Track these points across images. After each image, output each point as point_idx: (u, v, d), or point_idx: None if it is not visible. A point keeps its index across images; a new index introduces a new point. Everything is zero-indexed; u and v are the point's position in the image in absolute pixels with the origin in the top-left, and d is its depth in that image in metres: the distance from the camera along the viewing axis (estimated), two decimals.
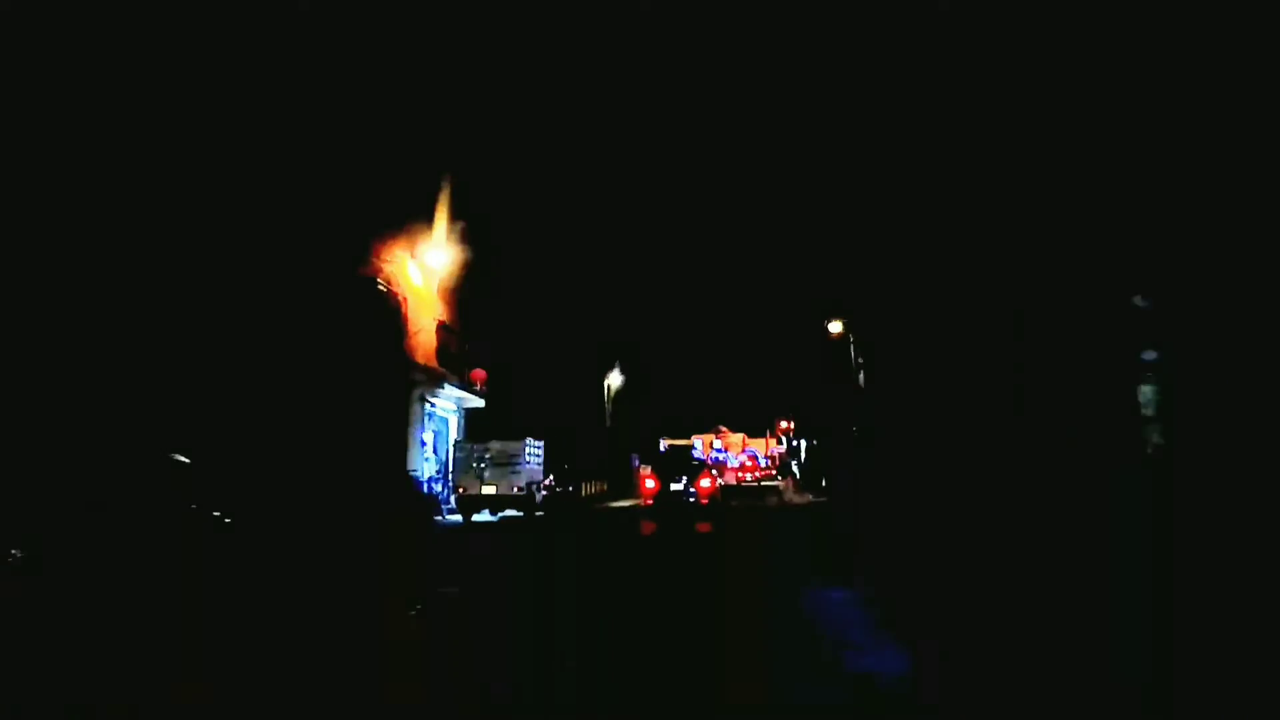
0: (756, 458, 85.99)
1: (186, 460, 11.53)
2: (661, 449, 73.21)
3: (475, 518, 23.77)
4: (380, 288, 23.28)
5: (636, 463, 66.35)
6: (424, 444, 25.70)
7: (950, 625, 7.09)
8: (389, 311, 23.84)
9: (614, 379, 52.83)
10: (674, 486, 20.09)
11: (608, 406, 52.65)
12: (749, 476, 65.10)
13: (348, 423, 21.39)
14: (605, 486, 47.05)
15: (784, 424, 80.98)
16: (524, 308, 33.31)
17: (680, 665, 6.50)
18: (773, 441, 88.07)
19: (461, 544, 18.63)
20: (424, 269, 25.93)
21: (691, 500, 19.83)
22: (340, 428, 21.14)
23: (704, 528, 18.08)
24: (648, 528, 18.66)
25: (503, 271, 31.01)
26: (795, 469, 61.38)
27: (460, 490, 23.95)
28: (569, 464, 30.41)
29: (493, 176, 30.67)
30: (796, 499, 41.57)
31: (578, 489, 33.41)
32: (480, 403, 29.13)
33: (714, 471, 23.89)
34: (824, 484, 42.21)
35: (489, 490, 23.59)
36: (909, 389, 18.75)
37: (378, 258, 23.44)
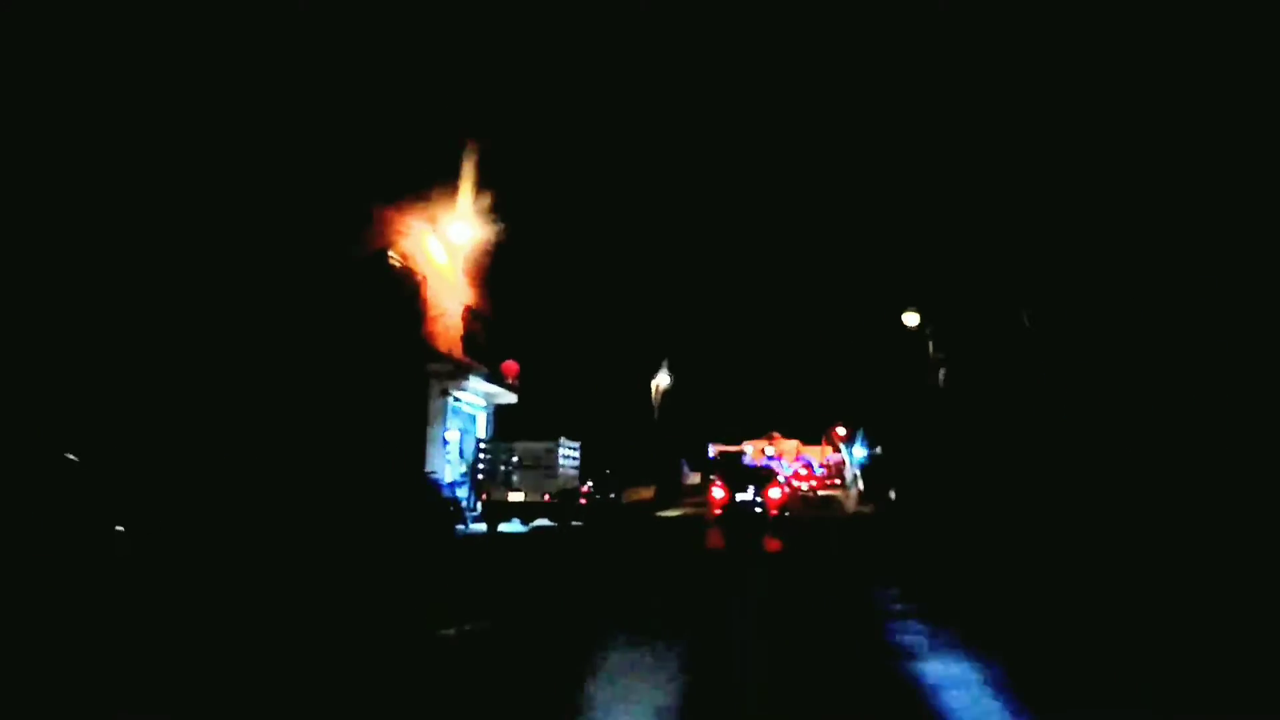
0: (811, 466, 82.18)
1: (76, 459, 8.67)
2: (711, 455, 69.88)
3: (503, 528, 20.71)
4: (394, 263, 20.34)
5: (686, 469, 63.08)
6: (446, 443, 22.70)
7: None
8: (405, 291, 20.90)
9: (662, 379, 49.46)
10: (741, 496, 18.21)
11: (655, 408, 49.33)
12: (804, 486, 61.35)
13: (355, 418, 18.49)
14: (652, 494, 43.71)
15: (840, 430, 77.30)
16: (565, 297, 30.23)
17: None
18: (828, 449, 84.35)
19: (487, 561, 15.93)
20: (448, 246, 22.96)
21: (759, 510, 17.43)
22: (346, 423, 18.26)
23: (774, 545, 15.08)
24: (714, 541, 15.96)
25: (541, 256, 27.97)
26: (858, 479, 57.66)
27: (485, 496, 20.86)
28: (611, 469, 27.24)
29: (534, 151, 27.70)
30: (858, 509, 38.35)
31: (620, 496, 30.22)
32: (512, 398, 26.04)
33: (781, 480, 21.83)
34: (892, 496, 38.65)
35: (518, 497, 20.46)
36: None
37: (392, 230, 20.52)
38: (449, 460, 22.68)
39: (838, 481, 66.24)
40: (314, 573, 11.70)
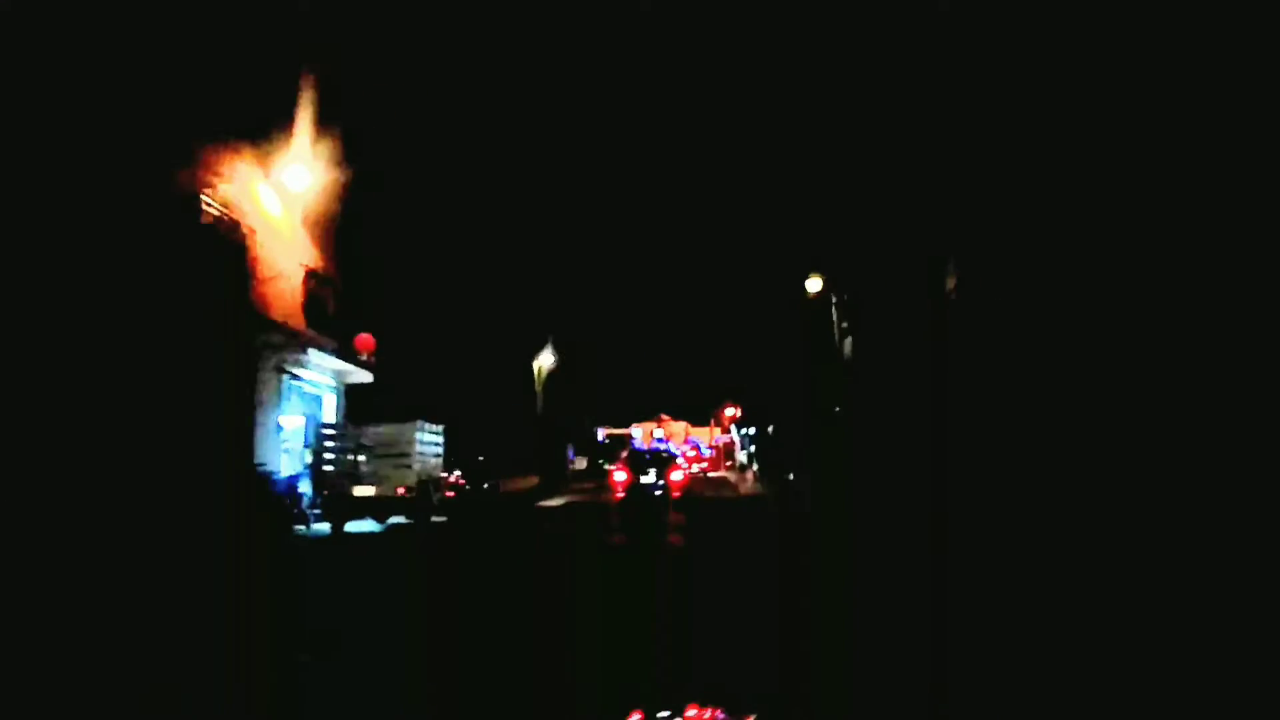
0: (700, 448, 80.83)
1: None
2: (600, 439, 67.31)
3: (352, 527, 17.43)
4: (210, 209, 16.66)
5: (572, 454, 60.18)
6: (281, 429, 19.11)
7: None
8: (226, 245, 17.23)
9: (545, 359, 46.27)
10: (643, 479, 19.12)
11: (538, 391, 46.13)
12: (695, 469, 59.64)
13: (159, 400, 14.88)
14: (535, 482, 40.67)
15: (730, 412, 76.02)
16: (432, 261, 26.79)
17: None
18: (716, 430, 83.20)
19: (325, 571, 13.02)
20: (284, 195, 19.31)
21: (660, 494, 18.94)
22: (148, 407, 14.64)
23: (676, 540, 13.31)
24: (615, 538, 14.38)
25: (404, 210, 24.50)
26: (748, 459, 56.22)
27: (328, 491, 17.50)
28: (485, 456, 24.19)
29: (397, 89, 24.14)
30: (753, 491, 37.02)
31: (496, 486, 27.12)
32: (368, 377, 22.59)
33: (682, 463, 22.25)
34: (791, 477, 37.04)
35: (367, 490, 17.21)
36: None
37: (209, 169, 16.82)
38: (287, 449, 19.12)
39: (728, 464, 64.87)
40: (121, 592, 8.68)
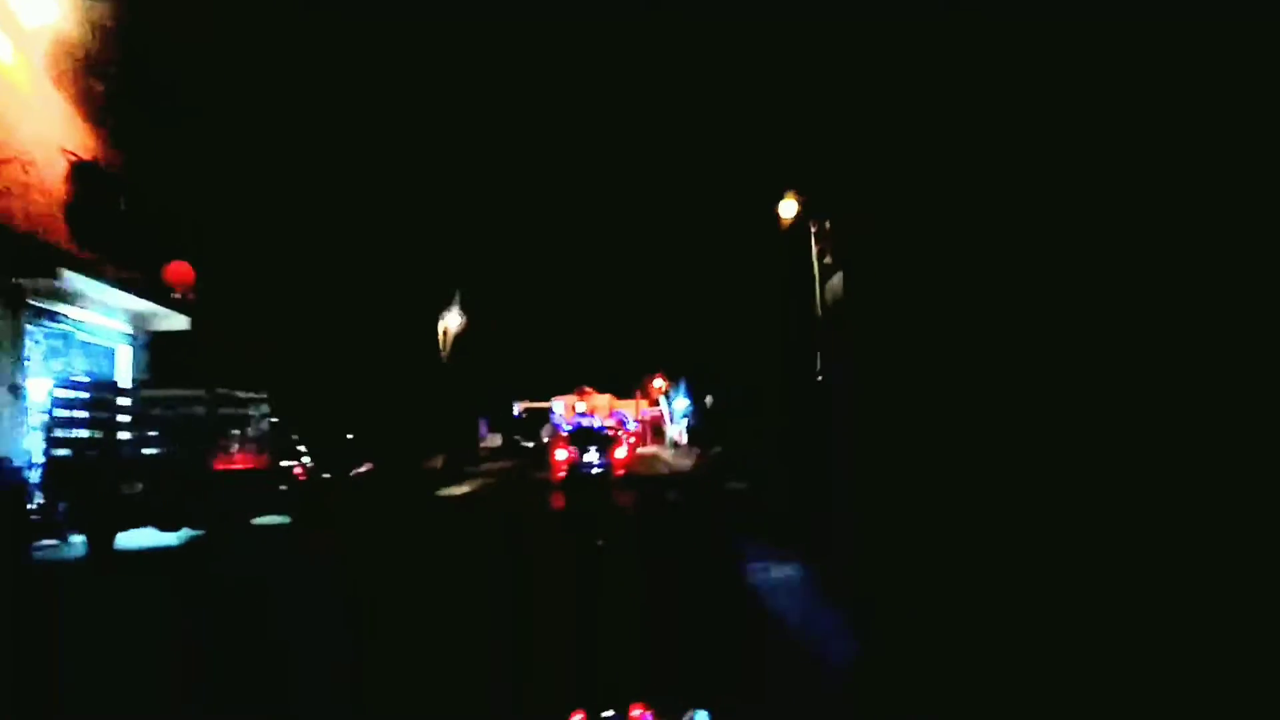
0: (624, 422, 75.59)
1: None
2: (516, 414, 61.06)
3: (127, 542, 11.17)
4: None
5: (485, 429, 53.91)
6: (24, 394, 12.47)
7: None
8: None
9: (451, 320, 39.65)
10: (585, 458, 19.03)
11: (443, 356, 39.53)
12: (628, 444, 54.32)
13: None
14: (442, 463, 34.31)
15: (658, 383, 70.87)
16: (298, 171, 20.09)
17: None
18: (643, 403, 78.19)
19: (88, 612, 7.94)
20: (16, 34, 12.59)
21: (599, 472, 18.50)
22: None
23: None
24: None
25: (253, 84, 17.85)
26: (680, 434, 51.59)
27: (79, 492, 11.08)
28: (354, 434, 17.91)
29: None
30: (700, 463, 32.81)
31: (397, 472, 20.84)
32: (183, 323, 15.96)
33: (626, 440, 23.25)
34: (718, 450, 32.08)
35: (135, 489, 10.88)
36: None
37: None
38: (32, 425, 12.49)
39: (659, 439, 60.08)
40: None
